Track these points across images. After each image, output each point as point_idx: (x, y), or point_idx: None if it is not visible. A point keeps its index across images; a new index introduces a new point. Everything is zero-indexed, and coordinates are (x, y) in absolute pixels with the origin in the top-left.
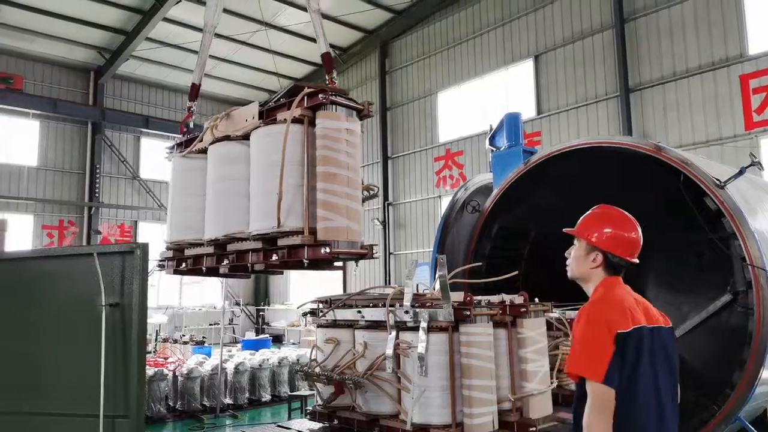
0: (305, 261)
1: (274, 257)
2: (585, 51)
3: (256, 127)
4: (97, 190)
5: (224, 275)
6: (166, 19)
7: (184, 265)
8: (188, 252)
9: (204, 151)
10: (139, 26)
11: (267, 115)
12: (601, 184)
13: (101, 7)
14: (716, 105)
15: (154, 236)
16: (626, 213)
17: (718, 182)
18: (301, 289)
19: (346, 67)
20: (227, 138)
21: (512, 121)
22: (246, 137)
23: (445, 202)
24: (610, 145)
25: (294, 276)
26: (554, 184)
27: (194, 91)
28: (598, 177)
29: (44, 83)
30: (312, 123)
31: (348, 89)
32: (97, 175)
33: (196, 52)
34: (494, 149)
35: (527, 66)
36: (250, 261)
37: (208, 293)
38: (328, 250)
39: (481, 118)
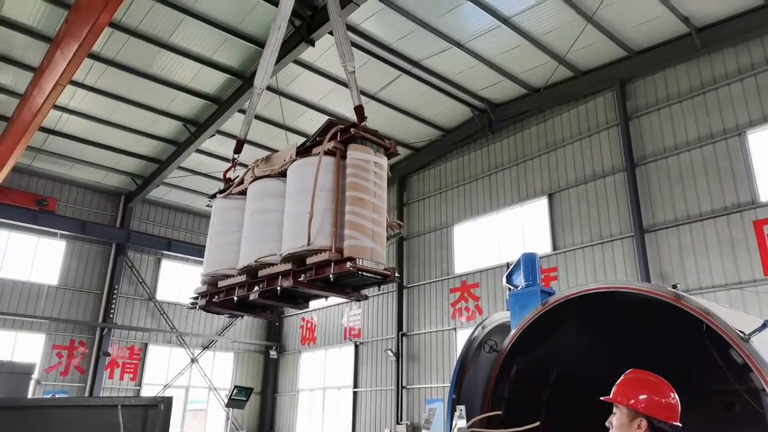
0: (331, 276)
1: (302, 277)
2: (598, 191)
3: (293, 161)
4: (112, 311)
5: (252, 313)
6: (198, 150)
7: (216, 297)
8: (221, 284)
9: (243, 192)
10: (172, 156)
11: (303, 153)
12: (621, 328)
13: (140, 138)
14: (733, 249)
15: (164, 360)
16: (659, 377)
17: (742, 335)
18: (310, 421)
19: None
20: (266, 177)
21: (529, 260)
22: (283, 174)
23: (461, 335)
24: (629, 291)
25: (302, 401)
26: (573, 326)
27: (239, 145)
28: (618, 320)
29: (75, 205)
30: (343, 156)
31: None
32: (114, 296)
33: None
34: (511, 288)
35: (542, 203)
36: (280, 284)
37: (212, 427)
38: (352, 264)
39: (498, 252)
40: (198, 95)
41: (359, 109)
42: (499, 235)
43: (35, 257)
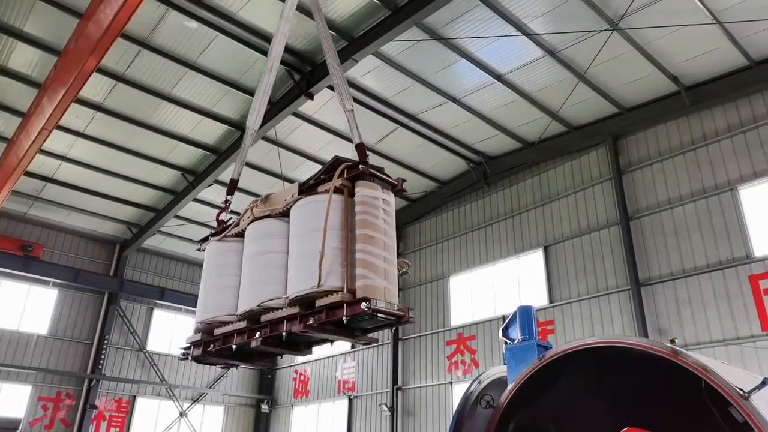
0: (344, 318)
1: (311, 320)
2: (593, 244)
3: (297, 200)
4: (101, 362)
5: (249, 362)
6: (195, 199)
7: (212, 346)
8: (218, 331)
9: (240, 234)
10: (170, 205)
11: (306, 192)
12: (620, 381)
13: (138, 187)
14: (729, 303)
15: (152, 413)
16: None
17: (742, 392)
18: None
19: None
20: (266, 217)
21: (525, 313)
22: (285, 214)
23: (457, 389)
24: (627, 345)
25: None
26: (571, 381)
27: (232, 186)
28: (616, 374)
29: (69, 253)
30: (351, 194)
31: None
32: (104, 346)
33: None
34: (508, 341)
35: (537, 255)
36: (285, 329)
37: None
38: (367, 305)
39: (494, 304)
40: (198, 145)
41: (360, 147)
42: (495, 287)
43: (26, 306)
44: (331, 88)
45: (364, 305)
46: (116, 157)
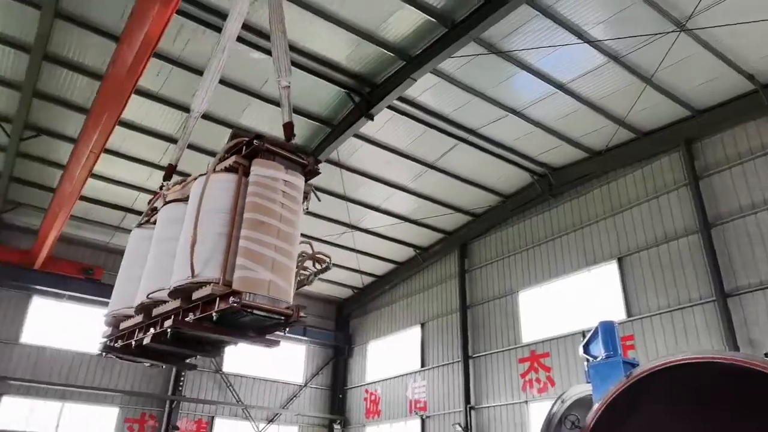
0: (214, 314)
1: (190, 316)
2: (671, 254)
3: (195, 180)
4: (181, 384)
5: (163, 360)
6: None
7: (118, 342)
8: (123, 325)
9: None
10: None
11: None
12: (714, 400)
13: None
14: None
15: None
16: None
17: None
18: None
19: (426, 265)
20: (175, 201)
21: (608, 329)
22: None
23: (533, 408)
24: (721, 361)
25: None
26: (661, 399)
27: (169, 172)
28: (709, 392)
29: None
30: (248, 173)
31: (427, 286)
32: (183, 369)
33: None
34: (590, 358)
35: (611, 268)
36: (166, 325)
37: None
38: (236, 299)
39: (567, 319)
40: None
41: (288, 127)
42: (567, 302)
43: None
44: (390, 108)
45: (232, 300)
46: None
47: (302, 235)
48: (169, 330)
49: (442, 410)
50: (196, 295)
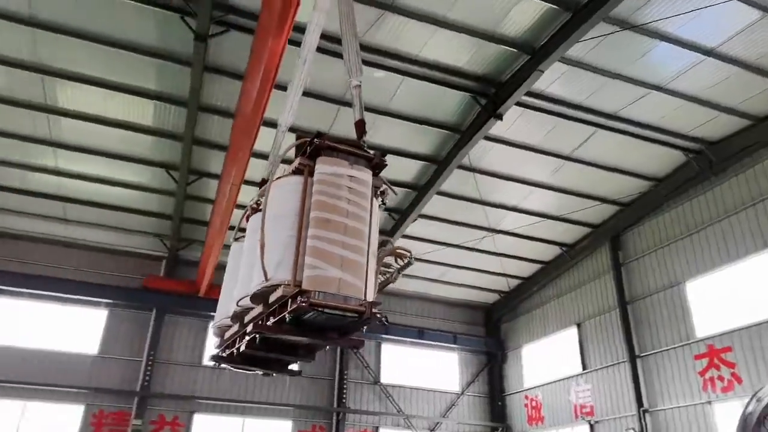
0: (287, 315)
1: (270, 319)
2: None
3: (268, 186)
4: (344, 396)
5: (268, 367)
6: (404, 236)
7: (224, 351)
8: (226, 335)
9: None
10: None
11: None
12: None
13: None
14: None
15: None
16: None
17: None
18: None
19: (574, 263)
20: (258, 210)
21: None
22: None
23: (719, 409)
24: None
25: None
26: None
27: (262, 186)
28: None
29: None
30: (314, 173)
31: (579, 284)
32: (345, 382)
33: (429, 262)
34: None
35: None
36: (250, 329)
37: None
38: (304, 298)
39: (748, 309)
40: (397, 185)
41: (360, 124)
42: (745, 289)
43: None
44: (519, 104)
45: (300, 299)
46: None
47: (436, 242)
48: (256, 335)
49: (611, 415)
50: (271, 299)
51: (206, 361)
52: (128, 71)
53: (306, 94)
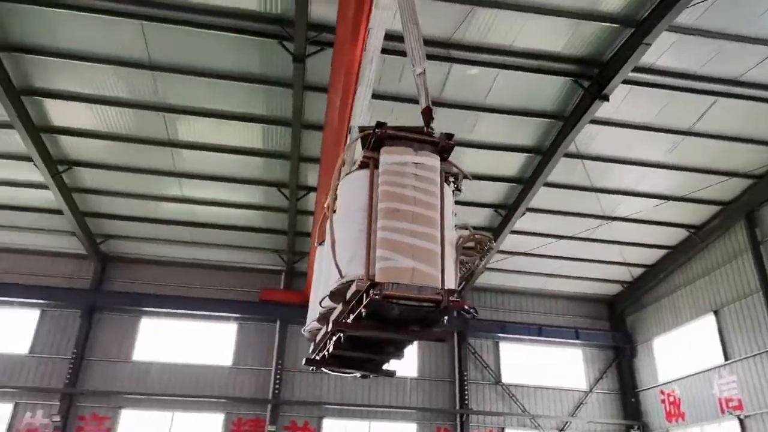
0: (363, 310)
1: (350, 317)
2: None
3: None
4: (466, 398)
5: (363, 368)
6: (512, 231)
7: (316, 354)
8: (317, 338)
9: None
10: None
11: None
12: None
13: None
14: None
15: None
16: None
17: None
18: None
19: (704, 245)
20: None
21: None
22: None
23: None
24: None
25: None
26: None
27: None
28: None
29: None
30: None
31: (712, 268)
32: (465, 383)
33: (542, 257)
34: None
35: None
36: (331, 328)
37: None
38: (377, 291)
39: None
40: (502, 180)
41: (426, 112)
42: None
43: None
44: (626, 82)
45: (372, 292)
46: None
47: (548, 235)
48: (340, 335)
49: (763, 408)
50: (348, 295)
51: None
52: (237, 99)
53: (403, 99)
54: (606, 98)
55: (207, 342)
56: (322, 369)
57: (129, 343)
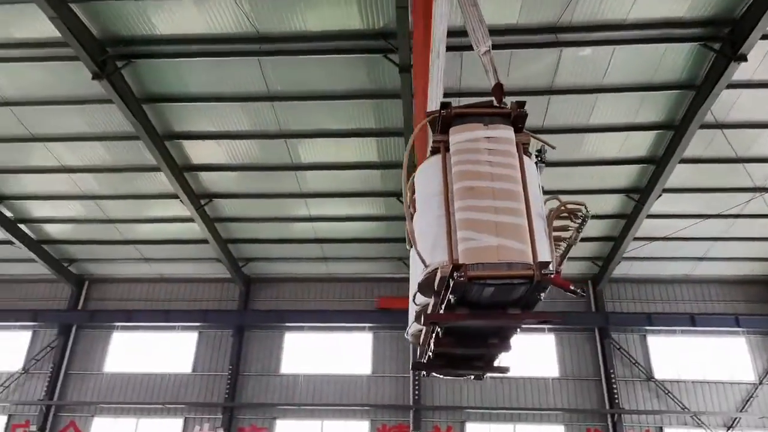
0: (450, 297)
1: (442, 308)
2: None
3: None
4: (615, 397)
5: (472, 369)
6: (648, 215)
7: (424, 359)
8: (422, 339)
9: None
10: (624, 229)
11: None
12: None
13: (590, 222)
14: None
15: None
16: None
17: None
18: None
19: None
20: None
21: None
22: None
23: None
24: None
25: None
26: None
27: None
28: None
29: (551, 299)
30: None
31: None
32: (614, 381)
33: (687, 239)
34: None
35: None
36: (423, 322)
37: None
38: (461, 273)
39: None
40: (631, 162)
41: (497, 88)
42: None
43: (531, 352)
44: (765, 37)
45: (455, 275)
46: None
47: (690, 215)
48: (438, 330)
49: None
50: (436, 285)
51: None
52: (350, 117)
53: (465, 94)
54: (743, 58)
55: (345, 352)
56: (433, 373)
57: (276, 357)
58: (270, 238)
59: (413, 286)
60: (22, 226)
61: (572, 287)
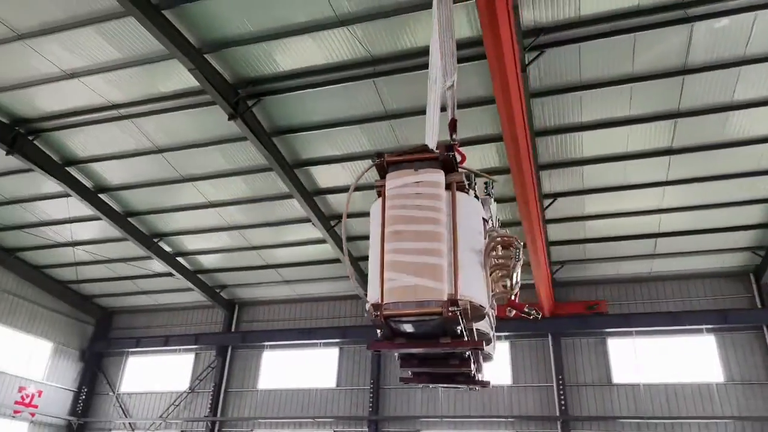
0: (379, 332)
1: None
2: None
3: None
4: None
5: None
6: None
7: (408, 373)
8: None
9: None
10: None
11: None
12: None
13: (746, 208)
14: None
15: None
16: None
17: None
18: None
19: None
20: None
21: None
22: None
23: None
24: None
25: None
26: None
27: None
28: None
29: (705, 296)
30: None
31: None
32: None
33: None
34: None
35: None
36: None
37: None
38: (377, 313)
39: None
40: None
41: (452, 124)
42: None
43: (691, 357)
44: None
45: (374, 314)
46: (705, 189)
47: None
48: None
49: None
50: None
51: (616, 379)
52: (469, 125)
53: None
54: None
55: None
56: (427, 385)
57: None
58: None
59: None
60: (179, 259)
61: (526, 309)
